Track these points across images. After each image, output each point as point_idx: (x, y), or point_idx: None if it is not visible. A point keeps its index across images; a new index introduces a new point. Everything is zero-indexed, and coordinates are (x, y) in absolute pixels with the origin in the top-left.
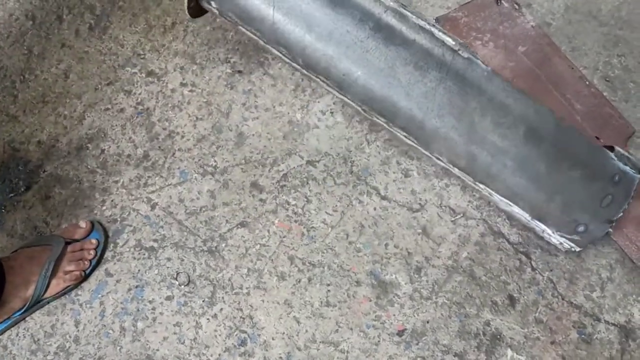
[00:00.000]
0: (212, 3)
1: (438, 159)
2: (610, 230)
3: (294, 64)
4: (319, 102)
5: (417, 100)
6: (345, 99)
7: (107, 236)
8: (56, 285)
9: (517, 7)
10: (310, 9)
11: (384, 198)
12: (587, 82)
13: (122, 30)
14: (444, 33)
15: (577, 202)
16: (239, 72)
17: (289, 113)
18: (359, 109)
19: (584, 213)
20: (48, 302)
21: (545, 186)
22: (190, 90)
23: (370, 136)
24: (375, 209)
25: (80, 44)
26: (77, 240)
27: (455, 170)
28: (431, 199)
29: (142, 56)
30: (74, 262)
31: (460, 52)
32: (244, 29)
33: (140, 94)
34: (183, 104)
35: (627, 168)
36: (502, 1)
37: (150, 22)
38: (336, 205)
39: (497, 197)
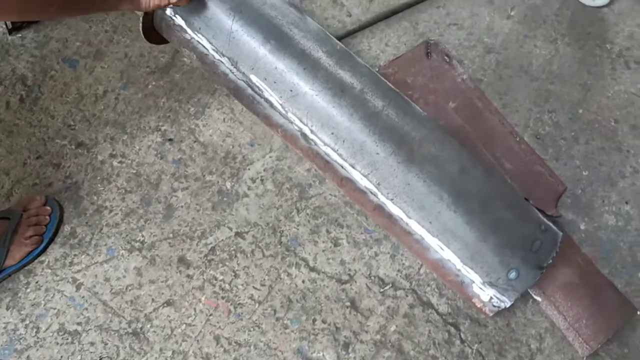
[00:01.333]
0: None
1: (372, 193)
2: (539, 299)
3: (240, 82)
4: (249, 169)
5: (361, 122)
6: (288, 118)
7: (61, 208)
8: (17, 252)
9: (447, 59)
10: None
11: (312, 270)
12: (518, 138)
13: (53, 100)
14: (386, 80)
15: (509, 244)
16: (170, 140)
17: (218, 182)
18: (300, 132)
19: (516, 256)
20: (11, 273)
21: (479, 224)
22: (120, 162)
23: (300, 204)
24: (303, 281)
25: (11, 116)
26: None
27: (388, 205)
28: (360, 269)
29: (72, 127)
30: (32, 227)
31: (401, 94)
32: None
33: (69, 167)
34: (112, 176)
35: (550, 223)
36: (433, 54)
37: (81, 91)
38: (264, 279)
39: (428, 242)
